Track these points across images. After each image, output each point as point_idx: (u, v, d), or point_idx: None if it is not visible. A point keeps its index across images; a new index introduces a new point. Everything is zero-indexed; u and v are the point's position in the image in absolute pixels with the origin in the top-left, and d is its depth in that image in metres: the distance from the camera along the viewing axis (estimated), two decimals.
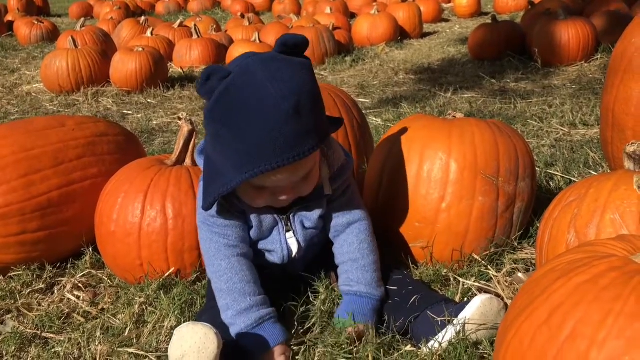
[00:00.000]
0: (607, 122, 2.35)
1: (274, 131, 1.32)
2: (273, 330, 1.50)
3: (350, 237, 1.64)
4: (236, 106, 1.34)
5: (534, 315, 1.03)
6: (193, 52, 5.76)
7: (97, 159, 2.15)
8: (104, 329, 1.70)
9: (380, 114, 3.97)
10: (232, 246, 1.57)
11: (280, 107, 1.32)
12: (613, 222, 1.41)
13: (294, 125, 1.34)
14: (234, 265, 1.55)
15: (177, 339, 1.36)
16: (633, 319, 0.91)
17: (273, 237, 1.64)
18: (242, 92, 1.34)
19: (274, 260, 1.67)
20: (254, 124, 1.33)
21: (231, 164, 1.39)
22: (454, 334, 1.43)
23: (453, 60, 5.86)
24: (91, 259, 2.09)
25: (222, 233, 1.58)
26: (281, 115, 1.32)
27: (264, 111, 1.32)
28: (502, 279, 1.73)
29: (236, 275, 1.54)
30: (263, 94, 1.32)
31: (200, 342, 1.33)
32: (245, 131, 1.34)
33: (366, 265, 1.62)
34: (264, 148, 1.34)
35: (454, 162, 1.76)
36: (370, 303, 1.58)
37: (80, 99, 4.83)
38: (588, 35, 4.90)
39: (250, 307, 1.51)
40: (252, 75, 1.35)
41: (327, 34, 6.09)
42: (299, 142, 1.35)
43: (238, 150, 1.36)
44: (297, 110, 1.33)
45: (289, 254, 1.65)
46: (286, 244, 1.64)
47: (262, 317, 1.51)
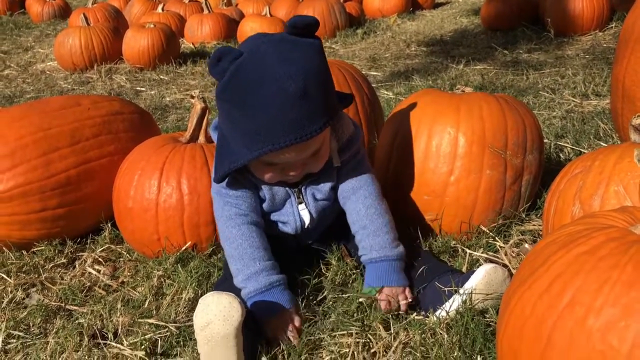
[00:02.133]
0: (617, 93, 2.35)
1: (281, 112, 1.37)
2: (282, 296, 1.55)
3: (357, 204, 1.67)
4: (245, 87, 1.39)
5: (535, 284, 1.07)
6: (204, 27, 5.78)
7: (113, 137, 2.20)
8: (124, 301, 1.77)
9: (392, 87, 3.98)
10: (243, 214, 1.62)
11: (288, 89, 1.36)
12: (617, 193, 1.43)
13: (301, 107, 1.38)
14: (244, 232, 1.60)
15: (203, 307, 1.40)
16: (629, 286, 0.95)
17: (286, 209, 1.69)
18: (251, 73, 1.38)
19: (287, 230, 1.72)
20: (263, 105, 1.38)
21: (242, 142, 1.45)
22: (461, 303, 1.48)
23: (465, 31, 5.82)
24: (110, 234, 2.16)
25: (233, 202, 1.63)
26: (288, 97, 1.36)
27: (272, 92, 1.36)
28: (509, 250, 1.77)
29: (246, 241, 1.59)
30: (272, 76, 1.36)
31: (225, 310, 1.38)
32: (254, 112, 1.39)
33: (376, 230, 1.64)
34: (272, 128, 1.39)
35: (462, 136, 1.79)
36: (388, 265, 1.61)
37: (94, 77, 4.89)
38: (602, 4, 4.84)
39: (259, 272, 1.55)
40: (262, 56, 1.39)
41: (338, 7, 6.06)
42: (307, 123, 1.40)
43: (247, 129, 1.42)
44: (305, 92, 1.37)
45: (302, 224, 1.70)
46: (299, 216, 1.69)
47: (272, 283, 1.55)
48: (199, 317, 1.39)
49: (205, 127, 2.05)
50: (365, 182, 1.68)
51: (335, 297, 1.65)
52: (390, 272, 1.60)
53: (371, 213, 1.66)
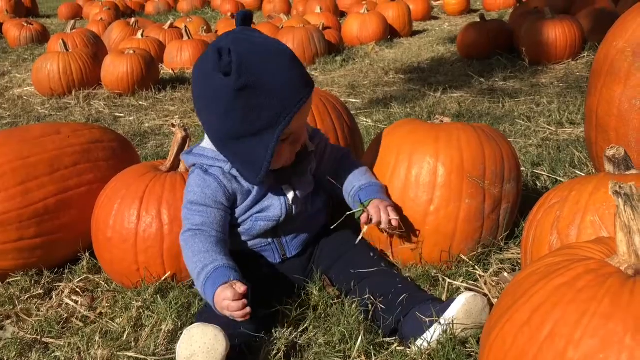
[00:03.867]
0: (591, 123, 2.40)
1: (294, 70, 1.57)
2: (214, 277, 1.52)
3: (352, 169, 1.88)
4: (257, 64, 1.51)
5: (516, 316, 1.08)
6: (184, 54, 5.79)
7: (93, 165, 2.19)
8: (102, 333, 1.74)
9: (371, 115, 4.03)
10: (192, 229, 1.65)
11: (285, 51, 1.59)
12: (593, 223, 1.46)
13: (299, 64, 1.61)
14: (187, 241, 1.64)
15: (187, 338, 1.39)
16: (607, 319, 0.96)
17: (269, 195, 1.74)
18: (253, 52, 1.52)
19: (273, 216, 1.73)
20: (278, 70, 1.53)
21: (268, 120, 1.54)
22: (441, 332, 1.48)
23: (442, 59, 5.92)
24: (88, 264, 2.13)
25: (190, 218, 1.67)
26: (292, 57, 1.59)
27: (278, 58, 1.55)
28: (489, 279, 1.79)
29: (189, 249, 1.62)
30: (269, 47, 1.56)
31: (210, 343, 1.37)
32: (276, 79, 1.52)
33: (366, 173, 1.87)
34: (294, 85, 1.55)
35: (441, 166, 1.82)
36: (376, 187, 1.82)
37: (72, 102, 4.86)
38: (575, 34, 4.97)
39: (202, 269, 1.55)
40: (247, 41, 1.54)
41: (317, 34, 6.13)
42: (307, 75, 1.62)
43: (275, 99, 1.53)
44: (293, 54, 1.61)
45: (286, 203, 1.73)
46: (283, 194, 1.74)
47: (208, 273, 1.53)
48: (182, 348, 1.37)
49: None
50: (353, 162, 1.92)
51: (317, 327, 1.65)
52: (379, 191, 1.81)
53: (363, 171, 1.88)
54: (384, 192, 1.83)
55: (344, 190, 1.87)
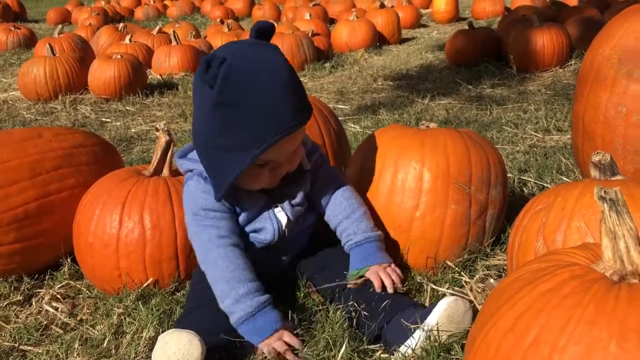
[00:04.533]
0: (577, 129, 2.41)
1: (281, 99, 1.46)
2: (272, 315, 1.53)
3: (338, 198, 1.77)
4: (243, 83, 1.43)
5: (500, 322, 1.07)
6: (172, 59, 5.76)
7: (75, 170, 2.16)
8: (82, 340, 1.71)
9: (359, 121, 4.02)
10: (224, 236, 1.61)
11: (282, 76, 1.46)
12: (579, 229, 1.45)
13: (295, 92, 1.49)
14: (228, 254, 1.58)
15: (161, 345, 1.37)
16: (591, 325, 0.95)
17: (262, 216, 1.69)
18: (245, 70, 1.44)
19: (265, 239, 1.70)
20: (264, 95, 1.44)
21: (244, 144, 1.46)
22: (425, 338, 1.47)
23: (431, 66, 5.93)
24: (69, 269, 2.09)
25: (213, 225, 1.62)
26: (285, 84, 1.46)
27: (270, 82, 1.45)
28: (475, 285, 1.77)
29: (232, 263, 1.57)
30: (264, 68, 1.45)
31: (185, 348, 1.35)
32: (258, 103, 1.44)
33: (359, 217, 1.75)
34: (277, 116, 1.45)
35: (427, 171, 1.80)
36: (372, 246, 1.71)
37: (58, 107, 4.81)
38: (562, 42, 5.00)
39: (247, 293, 1.53)
40: (247, 55, 1.47)
41: (306, 41, 6.12)
42: (301, 109, 1.51)
43: (252, 124, 1.45)
44: (294, 80, 1.49)
45: (279, 227, 1.70)
46: (275, 218, 1.69)
47: (261, 304, 1.53)
48: (157, 355, 1.35)
49: (169, 160, 2.02)
50: (341, 182, 1.81)
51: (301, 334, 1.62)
52: (376, 251, 1.70)
53: (352, 203, 1.77)
54: (381, 247, 1.72)
55: (336, 230, 1.78)
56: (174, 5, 12.57)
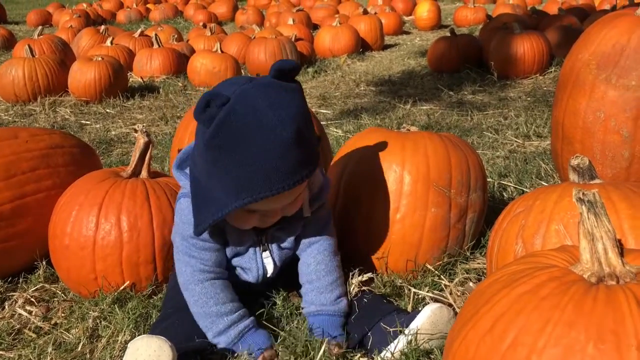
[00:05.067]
0: (557, 134, 2.42)
1: (276, 159, 1.34)
2: (254, 339, 1.54)
3: (309, 258, 1.67)
4: (238, 133, 1.33)
5: (479, 324, 1.06)
6: (153, 62, 5.72)
7: (52, 171, 2.12)
8: (56, 345, 1.67)
9: (341, 125, 4.01)
10: (206, 271, 1.59)
11: (283, 135, 1.33)
12: (558, 232, 1.46)
13: (294, 153, 1.35)
14: (207, 290, 1.57)
15: (132, 351, 1.36)
16: (570, 327, 0.95)
17: (249, 255, 1.65)
18: (244, 119, 1.33)
19: (247, 278, 1.68)
20: (257, 151, 1.33)
21: (228, 190, 1.38)
22: (406, 343, 1.46)
23: (413, 72, 5.95)
24: (45, 272, 2.06)
25: (198, 257, 1.59)
26: (283, 143, 1.33)
27: (266, 139, 1.32)
28: (454, 289, 1.77)
29: (210, 299, 1.56)
30: (265, 122, 1.33)
31: (155, 354, 1.34)
32: (248, 158, 1.34)
33: (321, 287, 1.64)
34: (266, 175, 1.34)
35: (407, 174, 1.80)
36: (333, 320, 1.60)
37: (37, 109, 4.74)
38: (542, 49, 5.05)
39: (228, 327, 1.54)
40: (252, 102, 1.34)
41: (289, 46, 6.12)
42: (300, 168, 1.38)
43: (238, 176, 1.35)
44: (297, 138, 1.34)
45: (264, 273, 1.67)
46: (262, 263, 1.66)
47: (241, 331, 1.54)
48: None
49: (148, 162, 2.00)
50: (322, 237, 1.68)
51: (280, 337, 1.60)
52: (334, 327, 1.59)
53: (320, 269, 1.65)
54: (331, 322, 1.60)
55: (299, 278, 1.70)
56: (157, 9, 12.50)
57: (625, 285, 1.02)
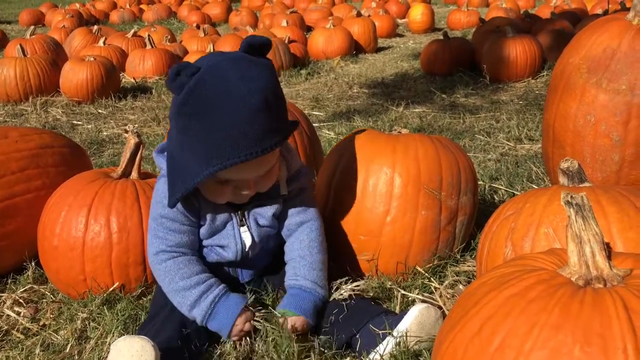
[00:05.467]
0: (548, 138, 2.43)
1: (244, 125, 1.38)
2: (227, 306, 1.56)
3: (302, 235, 1.70)
4: (207, 100, 1.39)
5: (467, 327, 1.06)
6: (146, 63, 5.71)
7: (41, 171, 2.11)
8: (44, 346, 1.66)
9: (334, 127, 4.01)
10: (167, 251, 1.61)
11: (251, 102, 1.38)
12: (547, 235, 1.46)
13: (262, 120, 1.40)
14: (170, 268, 1.60)
15: (114, 352, 1.36)
16: (556, 330, 0.95)
17: (227, 231, 1.66)
18: (213, 87, 1.39)
19: (227, 256, 1.68)
20: (225, 118, 1.38)
21: (199, 158, 1.42)
22: (394, 345, 1.45)
23: (406, 74, 5.96)
24: (34, 273, 2.04)
25: (163, 237, 1.61)
26: (251, 110, 1.38)
27: (234, 106, 1.38)
28: (444, 291, 1.77)
29: (175, 276, 1.59)
30: (233, 90, 1.38)
31: (137, 354, 1.33)
32: (216, 125, 1.38)
33: (313, 263, 1.67)
34: (234, 141, 1.39)
35: (398, 177, 1.80)
36: (312, 299, 1.62)
37: (28, 109, 4.72)
38: (534, 53, 5.07)
39: (198, 298, 1.56)
40: (222, 72, 1.40)
41: (282, 47, 6.12)
42: (267, 136, 1.42)
43: (208, 143, 1.40)
44: (265, 106, 1.40)
45: (243, 248, 1.67)
46: (240, 237, 1.66)
47: (212, 301, 1.56)
48: None
49: (138, 163, 1.99)
50: (312, 218, 1.72)
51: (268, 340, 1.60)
52: (312, 307, 1.61)
53: (313, 246, 1.69)
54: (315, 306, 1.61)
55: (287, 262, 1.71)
56: (150, 10, 12.46)
57: (612, 289, 1.02)
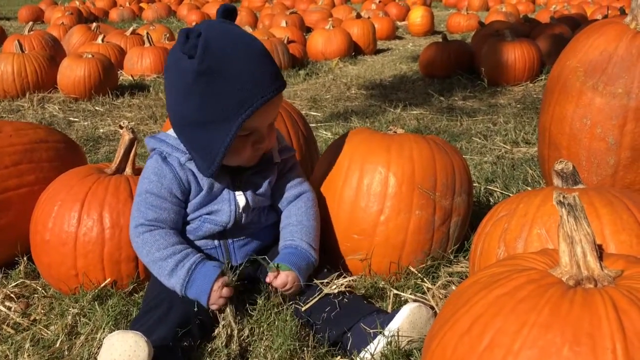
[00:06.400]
0: (544, 140, 2.43)
1: (259, 66, 1.53)
2: (203, 272, 1.58)
3: (299, 203, 1.79)
4: (222, 53, 1.49)
5: (457, 325, 1.06)
6: (144, 60, 5.70)
7: (35, 166, 2.10)
8: (34, 341, 1.65)
9: (331, 128, 4.01)
10: (144, 224, 1.64)
11: (256, 47, 1.55)
12: (539, 236, 1.46)
13: (268, 62, 1.57)
14: (147, 240, 1.63)
15: (107, 347, 1.35)
16: (546, 329, 0.94)
17: (222, 196, 1.70)
18: (222, 40, 1.51)
19: (220, 220, 1.69)
20: (244, 62, 1.51)
21: (229, 111, 1.50)
22: (385, 344, 1.45)
23: (404, 77, 5.96)
24: (26, 268, 2.03)
25: (143, 211, 1.65)
26: (261, 51, 1.55)
27: (246, 53, 1.52)
28: (437, 292, 1.76)
29: (152, 247, 1.62)
30: (239, 39, 1.53)
31: (131, 349, 1.33)
32: (239, 71, 1.50)
33: (310, 228, 1.75)
34: (257, 82, 1.51)
35: (392, 176, 1.80)
36: (306, 259, 1.69)
37: (25, 105, 4.71)
38: (533, 57, 5.07)
39: (175, 266, 1.59)
40: (222, 28, 1.54)
41: (281, 47, 6.11)
42: (277, 77, 1.57)
43: (235, 91, 1.50)
44: (266, 51, 1.58)
45: (236, 209, 1.69)
46: (234, 200, 1.69)
47: (189, 268, 1.59)
48: (103, 356, 1.32)
49: (132, 159, 1.98)
50: (308, 190, 1.83)
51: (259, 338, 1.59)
52: (305, 267, 1.67)
53: (310, 214, 1.78)
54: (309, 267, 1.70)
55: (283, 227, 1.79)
56: (150, 8, 12.45)
57: (602, 289, 1.02)
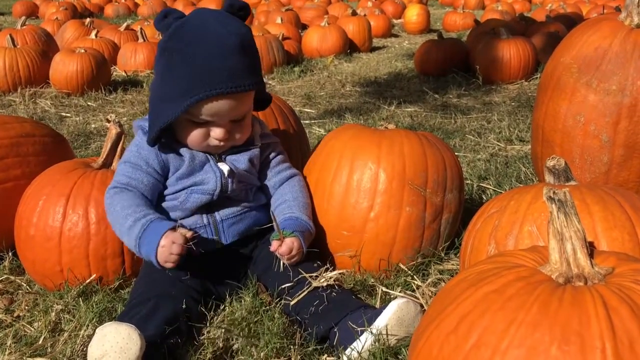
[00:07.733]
0: (537, 138, 2.41)
1: (219, 60, 1.54)
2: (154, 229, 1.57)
3: (293, 182, 1.85)
4: (190, 37, 1.55)
5: (443, 323, 1.03)
6: (138, 56, 5.66)
7: (21, 160, 2.07)
8: (16, 338, 1.62)
9: (324, 125, 3.98)
10: (117, 187, 1.68)
11: (228, 41, 1.55)
12: (530, 233, 1.43)
13: (237, 60, 1.56)
14: (114, 199, 1.66)
15: (99, 338, 1.32)
16: (534, 328, 0.92)
17: (206, 168, 1.72)
18: (196, 27, 1.56)
19: (207, 188, 1.70)
20: (206, 51, 1.54)
21: (178, 93, 1.55)
22: (372, 341, 1.42)
23: (399, 74, 5.94)
24: (10, 264, 2.01)
25: (119, 176, 1.69)
26: (227, 48, 1.54)
27: (213, 42, 1.54)
28: (427, 290, 1.74)
29: (117, 205, 1.64)
30: (213, 30, 1.56)
31: (123, 342, 1.30)
32: (198, 57, 1.54)
33: (305, 205, 1.81)
34: (213, 73, 1.53)
35: (382, 172, 1.77)
36: (308, 229, 1.74)
37: (16, 100, 4.67)
38: (528, 55, 5.05)
39: (133, 223, 1.59)
40: (204, 18, 1.59)
41: (276, 44, 6.08)
42: (240, 76, 1.57)
43: (186, 76, 1.55)
44: (240, 49, 1.56)
45: (221, 176, 1.70)
46: (218, 168, 1.71)
47: (144, 225, 1.59)
48: (94, 347, 1.30)
49: (120, 153, 1.95)
50: (299, 174, 1.88)
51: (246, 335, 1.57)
52: (307, 237, 1.73)
53: (305, 192, 1.84)
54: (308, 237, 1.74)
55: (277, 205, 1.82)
56: (145, 4, 12.39)
57: (592, 287, 1.00)
